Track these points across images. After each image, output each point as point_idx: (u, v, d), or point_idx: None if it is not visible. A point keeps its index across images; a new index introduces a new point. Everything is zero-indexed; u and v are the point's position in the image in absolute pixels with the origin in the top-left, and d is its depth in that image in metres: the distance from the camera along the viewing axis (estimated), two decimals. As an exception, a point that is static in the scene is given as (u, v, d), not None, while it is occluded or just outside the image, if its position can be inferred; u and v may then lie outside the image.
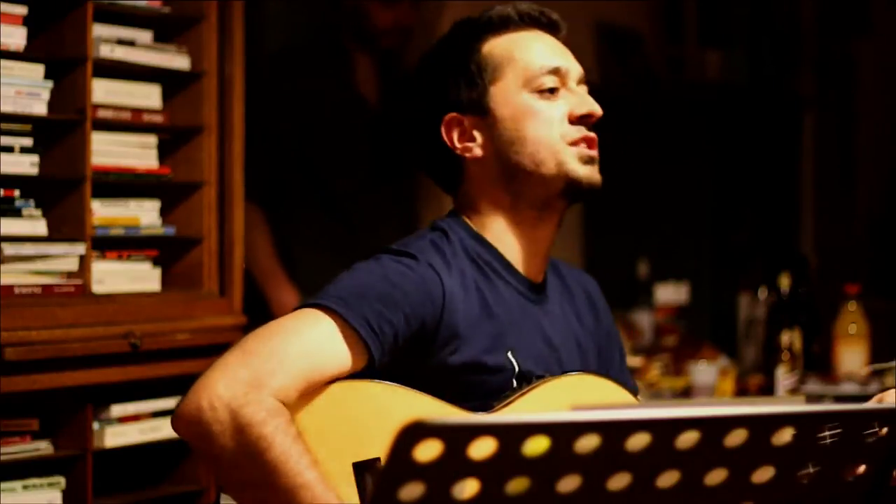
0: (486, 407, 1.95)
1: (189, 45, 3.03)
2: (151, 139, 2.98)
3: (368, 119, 4.08)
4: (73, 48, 2.78)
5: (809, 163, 5.97)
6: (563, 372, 2.04)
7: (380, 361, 1.89)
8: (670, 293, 4.35)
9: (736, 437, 1.38)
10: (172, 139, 3.04)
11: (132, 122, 2.94)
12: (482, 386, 1.96)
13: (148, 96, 2.98)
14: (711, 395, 3.66)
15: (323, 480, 1.75)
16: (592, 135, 2.04)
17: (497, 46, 2.05)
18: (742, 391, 3.72)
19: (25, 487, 2.69)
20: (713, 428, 1.37)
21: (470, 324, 1.96)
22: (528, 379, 2.00)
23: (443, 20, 4.54)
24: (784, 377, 3.55)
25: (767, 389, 3.61)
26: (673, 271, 4.54)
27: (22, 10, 2.73)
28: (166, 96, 3.01)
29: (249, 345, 1.83)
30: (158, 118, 2.99)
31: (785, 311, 3.76)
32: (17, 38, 2.71)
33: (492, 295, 2.00)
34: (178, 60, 3.00)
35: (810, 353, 3.89)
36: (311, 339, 1.85)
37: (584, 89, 2.07)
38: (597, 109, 2.04)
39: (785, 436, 1.41)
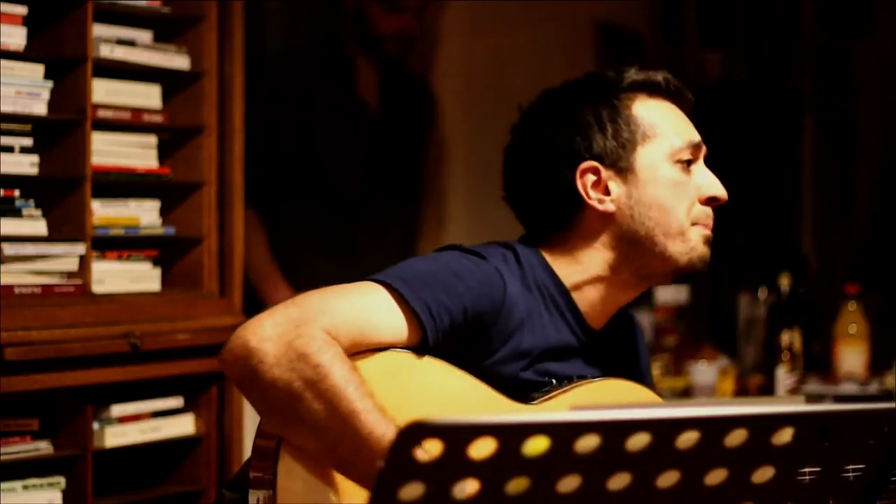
0: (528, 399, 1.97)
1: (189, 45, 3.03)
2: (151, 139, 2.98)
3: (369, 123, 4.08)
4: (73, 48, 2.78)
5: (809, 163, 5.97)
6: None
7: (432, 346, 1.89)
8: (670, 293, 4.35)
9: (736, 437, 1.38)
10: (172, 139, 3.04)
11: (132, 122, 2.94)
12: (518, 398, 1.97)
13: (148, 96, 2.98)
14: (711, 395, 3.66)
15: (382, 406, 1.76)
16: (712, 220, 2.05)
17: (647, 109, 2.04)
18: (742, 391, 3.72)
19: (25, 487, 2.69)
20: (713, 428, 1.37)
21: (521, 336, 1.97)
22: (561, 385, 2.03)
23: (443, 20, 4.54)
24: (784, 377, 3.55)
25: (767, 389, 3.61)
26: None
27: (22, 10, 2.73)
28: (166, 96, 3.01)
29: (300, 296, 1.84)
30: (158, 118, 2.99)
31: (785, 311, 3.76)
32: (17, 38, 2.71)
33: (549, 325, 2.01)
34: (178, 60, 3.00)
35: (810, 353, 3.89)
36: (365, 303, 1.85)
37: (710, 172, 2.09)
38: (723, 195, 2.06)
39: (785, 436, 1.41)
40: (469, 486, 1.29)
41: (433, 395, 1.88)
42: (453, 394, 1.90)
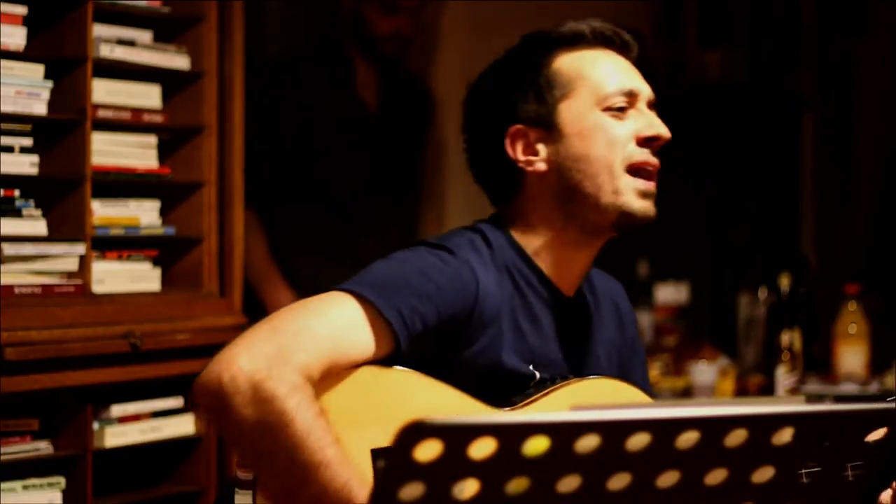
0: (508, 403, 1.96)
1: (189, 45, 3.03)
2: (151, 139, 2.98)
3: (369, 123, 4.08)
4: (73, 48, 2.78)
5: (809, 163, 5.97)
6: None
7: (406, 351, 1.88)
8: (670, 293, 4.35)
9: (736, 437, 1.38)
10: (172, 139, 3.04)
11: (132, 122, 2.94)
12: (499, 389, 1.97)
13: (148, 96, 2.98)
14: (711, 395, 3.66)
15: (343, 459, 1.75)
16: (655, 161, 2.03)
17: (568, 62, 2.03)
18: (742, 391, 3.72)
19: (25, 487, 2.69)
20: (713, 428, 1.37)
21: (498, 326, 1.96)
22: (544, 385, 2.01)
23: (443, 20, 4.54)
24: (784, 377, 3.55)
25: (767, 389, 3.61)
26: (673, 271, 4.54)
27: (22, 10, 2.73)
28: (166, 96, 3.01)
29: (276, 322, 1.82)
30: (158, 118, 2.99)
31: (785, 311, 3.76)
32: (17, 38, 2.71)
33: (522, 306, 2.01)
34: (178, 60, 3.00)
35: (810, 353, 3.89)
36: (339, 322, 1.84)
37: (652, 113, 2.06)
38: (664, 133, 2.02)
39: (785, 436, 1.41)
40: (469, 486, 1.29)
41: (408, 408, 1.85)
42: (429, 404, 1.88)
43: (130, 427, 2.88)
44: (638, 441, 1.33)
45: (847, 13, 5.90)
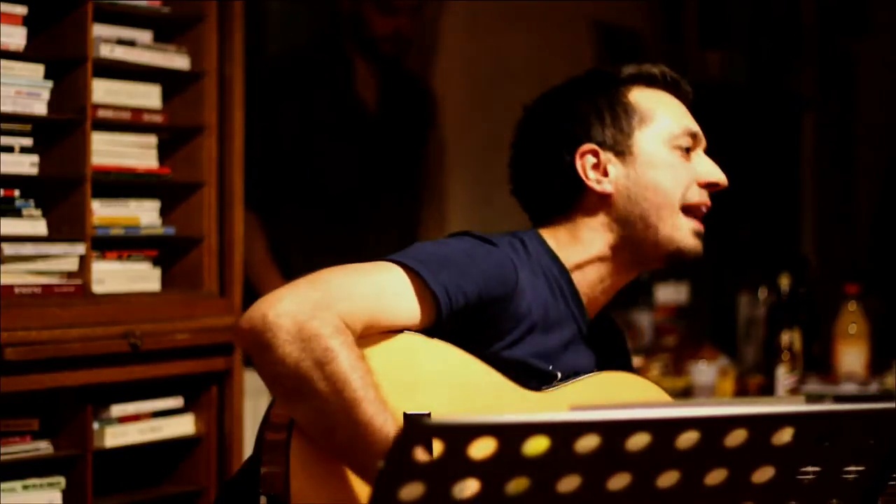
0: (536, 388, 1.99)
1: (189, 45, 3.03)
2: (151, 139, 2.98)
3: (368, 123, 4.09)
4: (73, 48, 2.78)
5: (809, 163, 5.97)
6: None
7: (445, 325, 1.92)
8: (670, 293, 4.35)
9: (736, 437, 1.38)
10: (172, 139, 3.04)
11: (132, 122, 2.94)
12: (525, 384, 2.00)
13: (148, 96, 2.98)
14: (711, 395, 3.66)
15: (383, 401, 1.78)
16: (709, 203, 2.12)
17: (644, 97, 2.12)
18: (742, 391, 3.72)
19: (25, 487, 2.69)
20: (713, 428, 1.37)
21: (529, 324, 2.00)
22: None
23: (443, 20, 4.54)
24: (784, 377, 3.55)
25: (767, 389, 3.61)
26: (673, 271, 4.54)
27: (22, 10, 2.73)
28: (166, 96, 3.01)
29: (321, 275, 1.87)
30: (158, 118, 2.99)
31: (785, 311, 3.76)
32: (17, 38, 2.71)
33: (554, 310, 2.05)
34: (178, 60, 3.00)
35: (810, 353, 3.89)
36: (383, 284, 1.88)
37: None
38: (724, 180, 2.12)
39: (785, 436, 1.41)
40: (469, 486, 1.29)
41: (444, 378, 1.91)
42: (464, 378, 1.93)
43: (130, 427, 2.88)
44: (638, 441, 1.33)
45: (847, 13, 5.90)
